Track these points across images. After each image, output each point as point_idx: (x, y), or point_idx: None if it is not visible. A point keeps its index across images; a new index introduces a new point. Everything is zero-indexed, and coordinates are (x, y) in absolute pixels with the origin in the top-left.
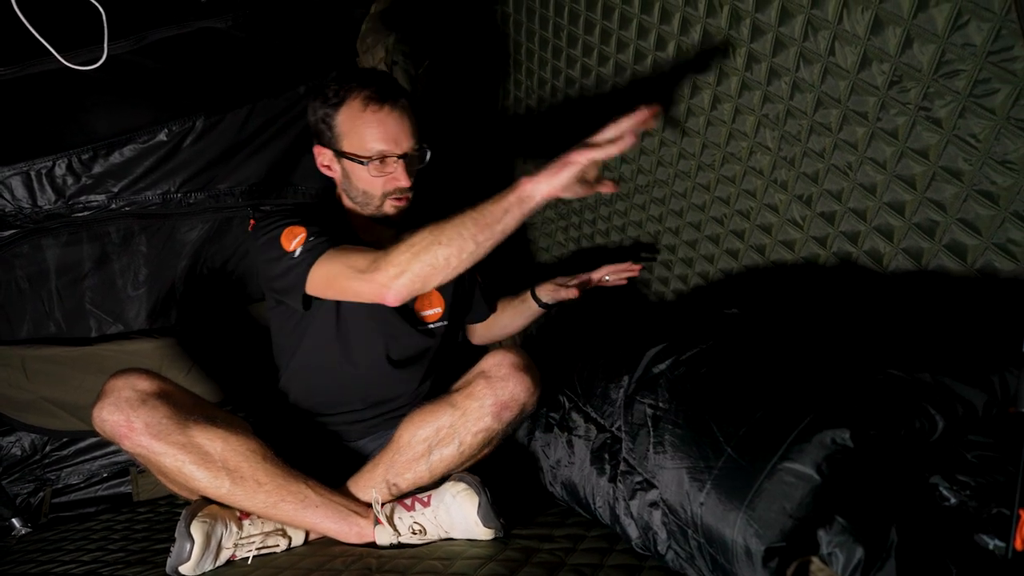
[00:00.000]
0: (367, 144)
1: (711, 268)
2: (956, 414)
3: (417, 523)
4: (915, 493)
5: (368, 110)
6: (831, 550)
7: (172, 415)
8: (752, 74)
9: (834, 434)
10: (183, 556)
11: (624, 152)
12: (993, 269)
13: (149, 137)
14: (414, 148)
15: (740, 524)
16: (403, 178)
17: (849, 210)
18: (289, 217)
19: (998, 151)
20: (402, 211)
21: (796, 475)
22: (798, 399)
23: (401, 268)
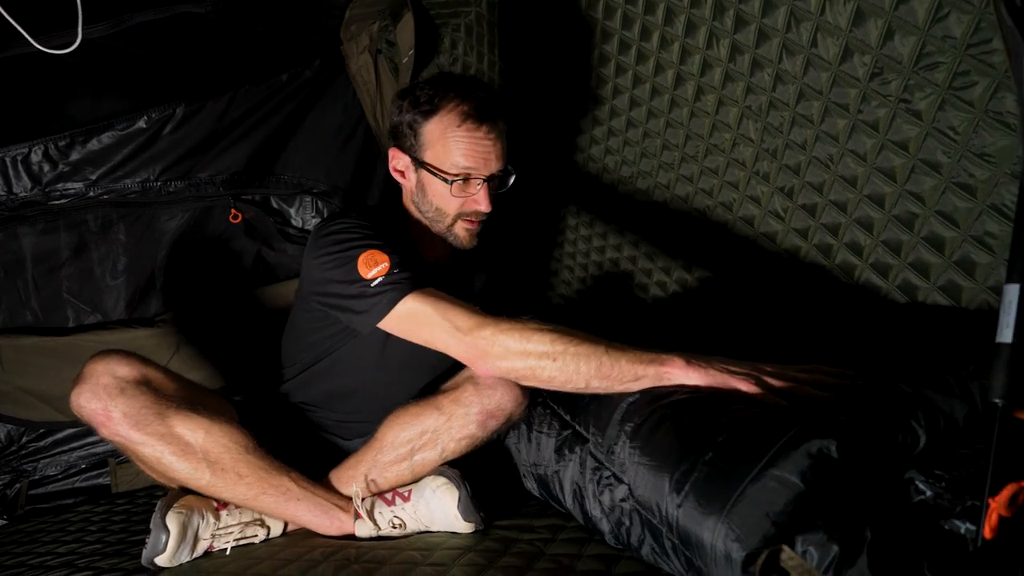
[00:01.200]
0: (454, 160)
1: (694, 260)
2: (938, 427)
3: (397, 517)
4: (891, 490)
5: (464, 127)
6: (805, 548)
7: (152, 404)
8: (735, 65)
9: (821, 444)
10: (159, 547)
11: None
12: (970, 262)
13: (128, 124)
14: (499, 172)
15: (720, 529)
16: (484, 202)
17: (830, 202)
18: (367, 237)
19: (976, 144)
20: (474, 234)
21: (781, 481)
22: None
23: (507, 354)
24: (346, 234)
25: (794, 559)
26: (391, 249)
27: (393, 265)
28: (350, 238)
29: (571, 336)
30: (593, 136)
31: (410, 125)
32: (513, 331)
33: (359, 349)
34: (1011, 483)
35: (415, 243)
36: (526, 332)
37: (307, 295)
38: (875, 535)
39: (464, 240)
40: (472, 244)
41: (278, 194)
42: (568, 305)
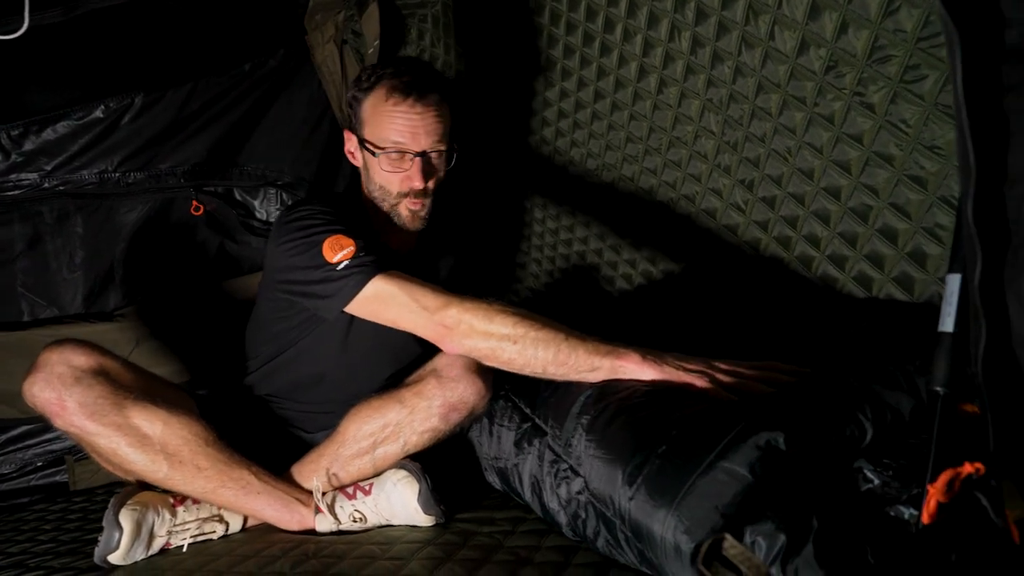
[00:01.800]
0: (383, 134)
1: (658, 253)
2: (885, 421)
3: (358, 511)
4: (839, 479)
5: (391, 100)
6: (754, 539)
7: (108, 394)
8: (696, 58)
9: (769, 437)
10: (111, 545)
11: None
12: (922, 253)
13: (84, 113)
14: (434, 147)
15: (670, 521)
16: (417, 178)
17: (789, 195)
18: (330, 223)
19: (926, 137)
20: (419, 215)
21: (730, 474)
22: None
23: (472, 333)
24: (310, 220)
25: (735, 547)
26: (356, 233)
27: (359, 248)
28: (314, 224)
29: (533, 321)
30: (559, 128)
31: (351, 104)
32: (478, 311)
33: (323, 338)
34: (948, 469)
35: (377, 232)
36: (490, 313)
37: (271, 284)
38: (822, 524)
39: (408, 221)
40: (418, 225)
41: (241, 186)
42: (535, 297)
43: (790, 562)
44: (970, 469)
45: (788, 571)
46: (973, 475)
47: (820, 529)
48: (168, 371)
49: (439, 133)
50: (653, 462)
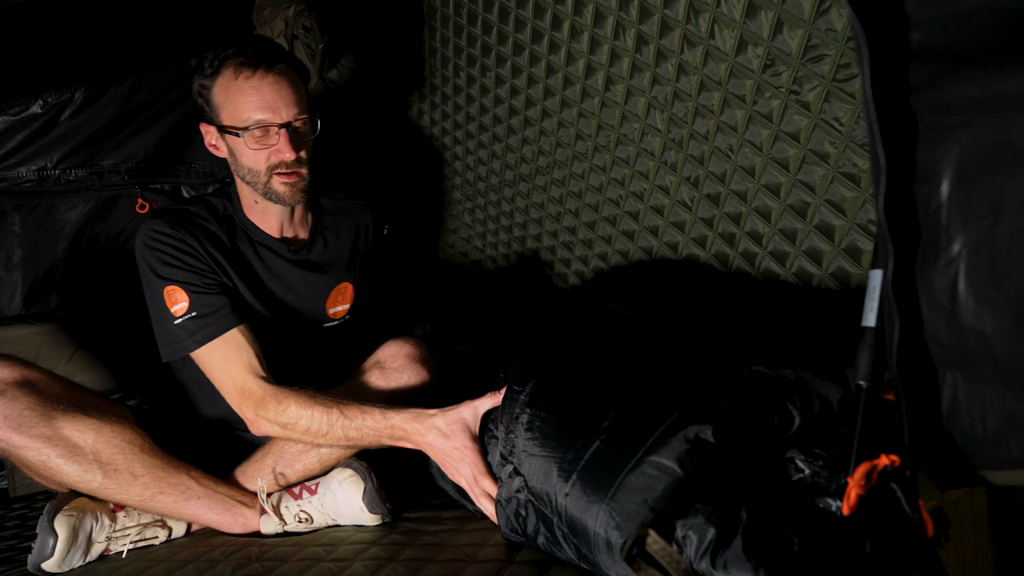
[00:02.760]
0: (243, 113)
1: (609, 249)
2: (812, 409)
3: (304, 511)
4: (769, 470)
5: (241, 77)
6: (685, 533)
7: (35, 405)
8: (642, 56)
9: (698, 430)
10: (45, 552)
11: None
12: (857, 249)
13: (21, 108)
14: (297, 116)
15: (602, 516)
16: (286, 149)
17: (732, 192)
18: (174, 263)
19: (858, 135)
20: (296, 188)
21: (659, 468)
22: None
23: (265, 423)
24: (156, 253)
25: (658, 543)
26: (196, 277)
27: (192, 307)
28: (158, 260)
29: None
30: (511, 125)
31: (200, 93)
32: (269, 407)
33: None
34: (865, 462)
35: (254, 226)
36: (280, 407)
37: None
38: (751, 516)
39: (286, 195)
40: (297, 199)
41: (189, 183)
42: (487, 294)
43: (720, 555)
44: (886, 461)
45: (718, 564)
46: (889, 467)
47: (749, 521)
48: (108, 373)
49: (298, 101)
50: (589, 457)
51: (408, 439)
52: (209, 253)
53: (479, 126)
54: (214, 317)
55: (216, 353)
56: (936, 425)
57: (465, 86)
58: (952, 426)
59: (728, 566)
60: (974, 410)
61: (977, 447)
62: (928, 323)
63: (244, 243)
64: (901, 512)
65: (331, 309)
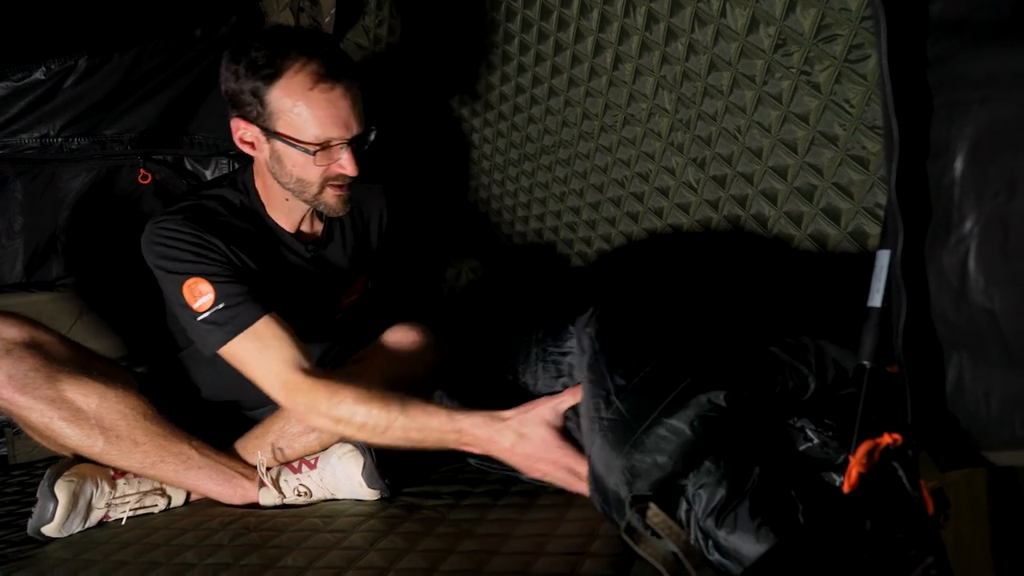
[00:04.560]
0: (314, 129)
1: (613, 230)
2: (827, 375)
3: (303, 485)
4: (779, 437)
5: (317, 89)
6: (695, 491)
7: (41, 367)
8: (651, 34)
9: (711, 395)
10: (45, 517)
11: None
12: (864, 233)
13: (24, 75)
14: (363, 132)
15: (616, 473)
16: (350, 166)
17: (738, 173)
18: (190, 256)
19: (868, 117)
20: (345, 200)
21: (670, 430)
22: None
23: (316, 417)
24: (170, 248)
25: (658, 516)
26: (219, 268)
27: (219, 298)
28: (174, 255)
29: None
30: (517, 104)
31: (253, 93)
32: (321, 401)
33: None
34: (866, 440)
35: (273, 222)
36: (334, 400)
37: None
38: (760, 481)
39: (336, 207)
40: (345, 210)
41: (192, 155)
42: (490, 274)
43: (726, 515)
44: (888, 440)
45: (723, 523)
46: (891, 446)
47: (758, 486)
48: (110, 344)
49: (363, 116)
50: (610, 416)
51: (478, 445)
52: (230, 248)
53: (484, 104)
54: (243, 306)
55: (251, 344)
56: (940, 405)
57: (472, 64)
58: (956, 406)
59: (732, 526)
60: (979, 391)
61: (981, 428)
62: (936, 303)
63: (265, 239)
64: (902, 491)
65: (345, 300)
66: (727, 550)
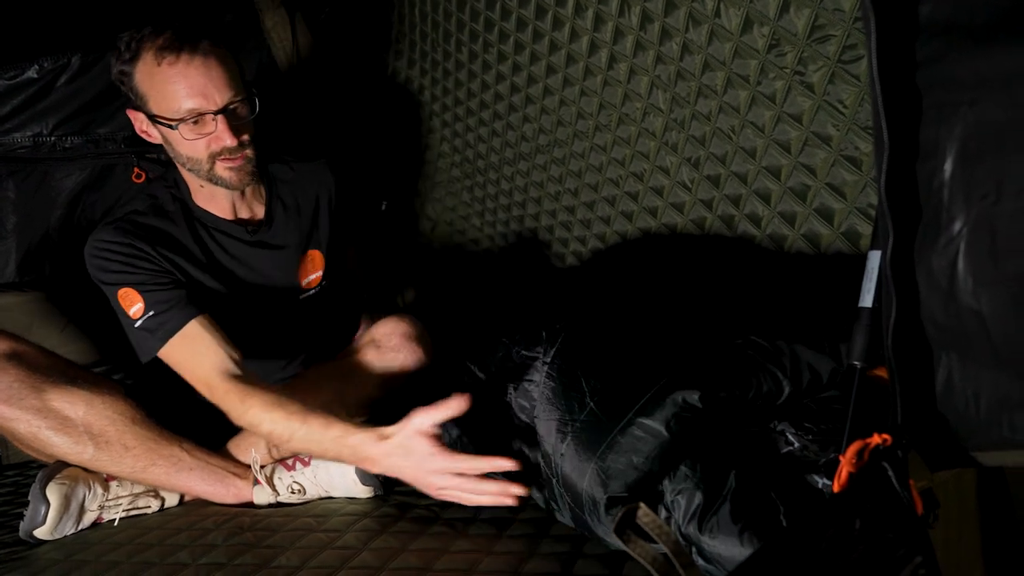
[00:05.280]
0: (172, 103)
1: (607, 230)
2: (802, 380)
3: (297, 482)
4: (757, 440)
5: (165, 63)
6: (674, 498)
7: (25, 378)
8: (646, 34)
9: (685, 395)
10: (37, 520)
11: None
12: (857, 234)
13: (17, 73)
14: (233, 100)
15: (590, 475)
16: (227, 136)
17: (732, 173)
18: (120, 267)
19: (861, 117)
20: (243, 171)
21: (646, 430)
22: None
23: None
24: (104, 260)
25: (648, 515)
26: (147, 276)
27: (148, 306)
28: (107, 267)
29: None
30: (512, 103)
31: (122, 80)
32: (234, 406)
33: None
34: (857, 440)
35: (203, 211)
36: (243, 407)
37: None
38: (739, 483)
39: (233, 181)
40: (245, 183)
41: None
42: (485, 273)
43: (707, 519)
44: (878, 440)
45: (705, 528)
46: (880, 446)
47: (737, 488)
48: (101, 345)
49: (231, 82)
50: (584, 418)
51: (371, 462)
52: (159, 252)
53: (480, 103)
54: (172, 312)
55: (181, 349)
56: (929, 406)
57: (467, 61)
58: (945, 407)
59: (715, 531)
60: (968, 391)
61: (969, 428)
62: (925, 304)
63: (199, 231)
64: (891, 491)
65: (303, 280)
66: (711, 555)
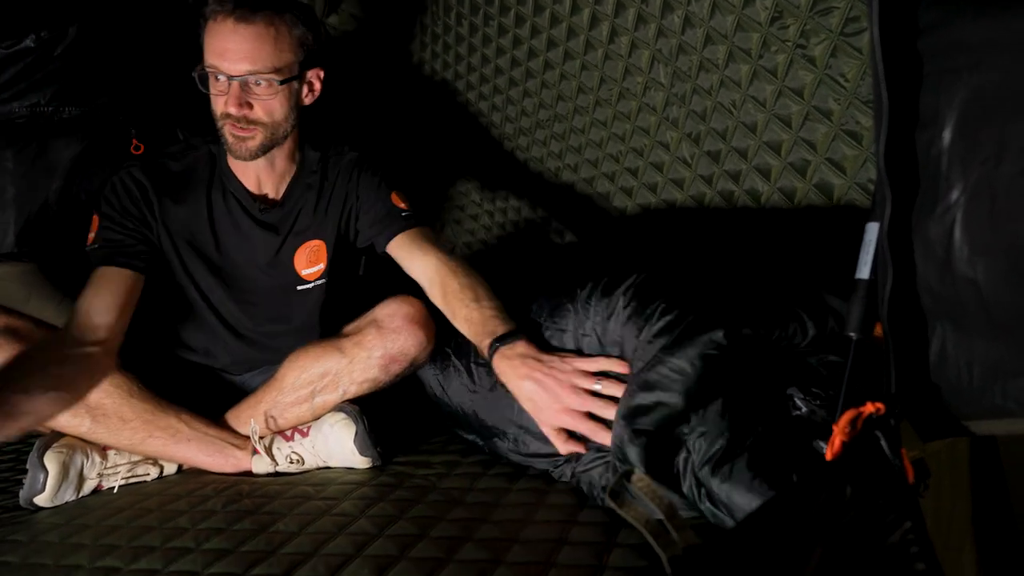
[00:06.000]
0: (205, 55)
1: (608, 205)
2: (827, 323)
3: (295, 453)
4: (774, 401)
5: (215, 20)
6: (696, 440)
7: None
8: (648, 6)
9: (711, 333)
10: (36, 487)
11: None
12: (856, 209)
13: (13, 42)
14: (253, 72)
15: (619, 414)
16: (232, 103)
17: (732, 149)
18: (106, 200)
19: (863, 91)
20: (245, 144)
21: (673, 368)
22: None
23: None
24: (108, 189)
25: (642, 480)
26: (114, 213)
27: (96, 239)
28: (105, 195)
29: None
30: (512, 77)
31: (199, 32)
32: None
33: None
34: (850, 409)
35: (231, 172)
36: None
37: None
38: (759, 438)
39: (234, 147)
40: (244, 155)
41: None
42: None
43: (723, 465)
44: (871, 409)
45: (719, 473)
46: (874, 415)
47: (757, 442)
48: None
49: (255, 56)
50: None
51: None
52: (165, 202)
53: (480, 77)
54: (108, 250)
55: (90, 282)
56: (923, 376)
57: (467, 35)
58: (939, 376)
59: (728, 477)
60: (961, 360)
61: (962, 397)
62: (921, 274)
63: (217, 192)
64: (883, 459)
65: (302, 271)
66: (719, 499)
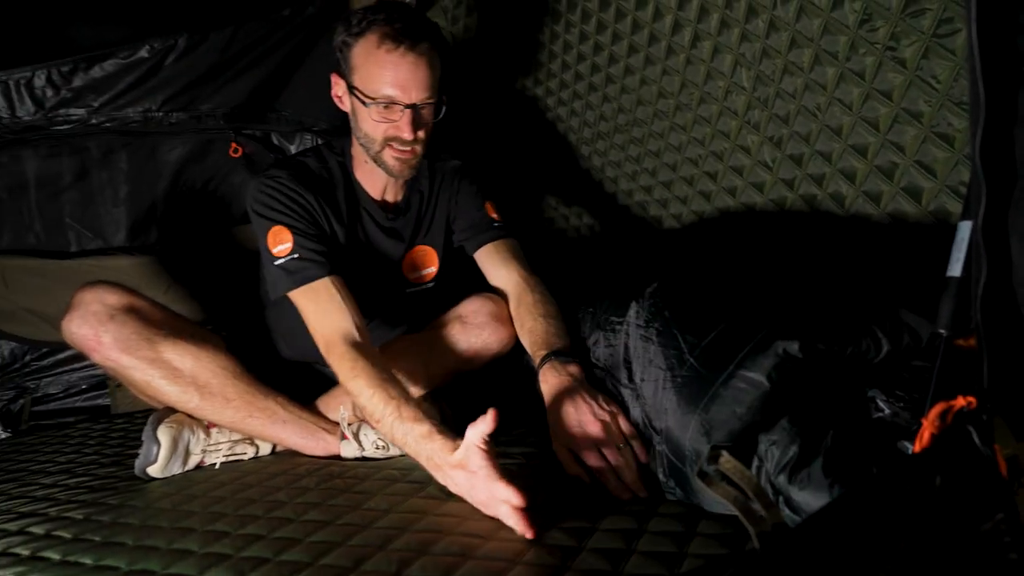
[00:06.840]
0: (374, 85)
1: (684, 209)
2: (902, 340)
3: (381, 440)
4: (853, 403)
5: (383, 48)
6: (768, 448)
7: (140, 330)
8: (732, 12)
9: (785, 345)
10: (150, 458)
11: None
12: (946, 212)
13: (130, 53)
14: (426, 100)
15: (693, 427)
16: (406, 129)
17: (816, 152)
18: (279, 207)
19: (956, 93)
20: (407, 164)
21: (748, 382)
22: (757, 315)
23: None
24: (266, 197)
25: (730, 462)
26: (303, 224)
27: (295, 248)
28: (266, 205)
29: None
30: (592, 83)
31: (341, 48)
32: (343, 370)
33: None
34: (939, 402)
35: (358, 182)
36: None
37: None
38: (834, 442)
39: (394, 169)
40: (405, 174)
41: (279, 131)
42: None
43: (799, 471)
44: (962, 402)
45: (795, 480)
46: (965, 408)
47: (832, 446)
48: (201, 306)
49: (429, 84)
50: (685, 374)
51: (438, 471)
52: (320, 203)
53: (560, 83)
54: (314, 262)
55: (311, 298)
56: (1017, 373)
57: (547, 42)
58: None
59: (805, 482)
60: None
61: None
62: (1017, 269)
63: (348, 201)
64: (975, 452)
65: (411, 274)
66: (798, 505)
